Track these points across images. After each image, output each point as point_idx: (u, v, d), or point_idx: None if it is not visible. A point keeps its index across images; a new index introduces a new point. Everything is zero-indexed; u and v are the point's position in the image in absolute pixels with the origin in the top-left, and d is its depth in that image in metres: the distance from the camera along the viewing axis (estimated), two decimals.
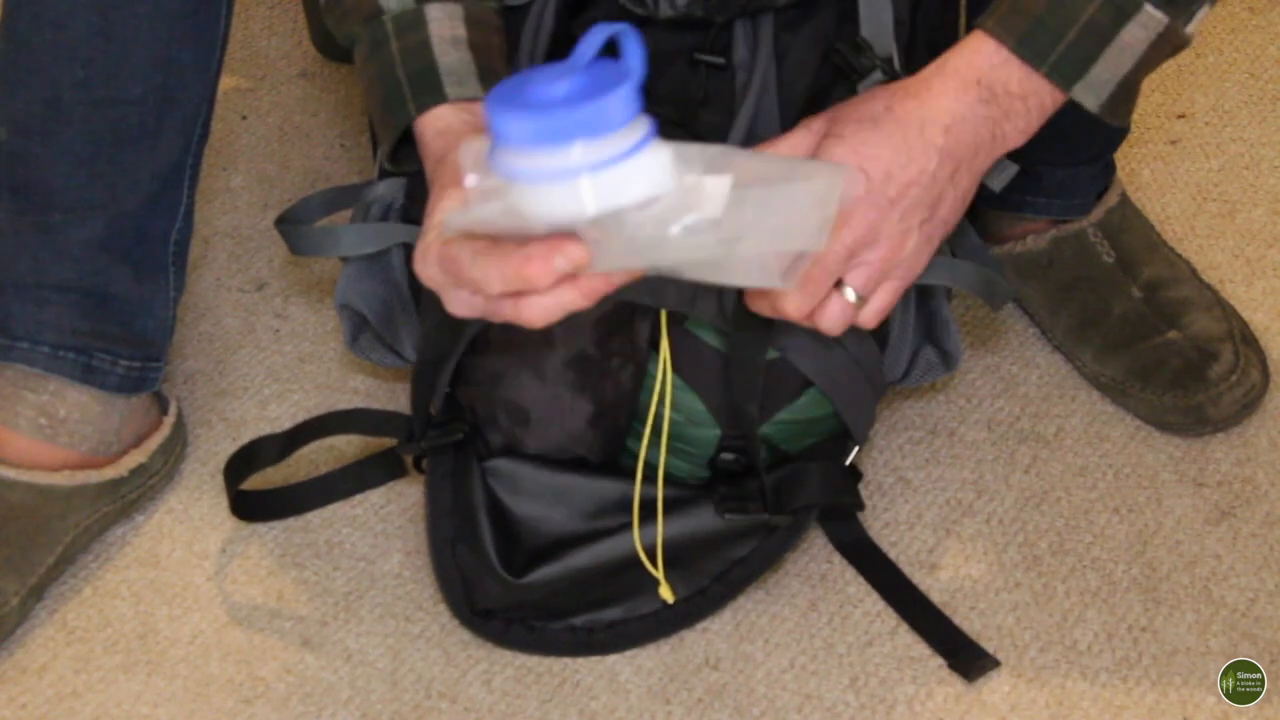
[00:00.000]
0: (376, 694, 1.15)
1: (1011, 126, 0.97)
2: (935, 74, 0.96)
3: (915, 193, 0.96)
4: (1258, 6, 1.65)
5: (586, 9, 1.14)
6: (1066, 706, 1.14)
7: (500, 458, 1.17)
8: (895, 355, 1.17)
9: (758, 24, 1.13)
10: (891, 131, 0.95)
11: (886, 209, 0.95)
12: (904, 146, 0.95)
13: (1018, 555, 1.23)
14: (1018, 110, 0.97)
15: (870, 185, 0.94)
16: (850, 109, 0.97)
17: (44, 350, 1.20)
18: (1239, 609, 1.19)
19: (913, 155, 0.95)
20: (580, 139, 0.76)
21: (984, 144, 0.97)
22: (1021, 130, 0.98)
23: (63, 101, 1.13)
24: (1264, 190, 1.48)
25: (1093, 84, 0.96)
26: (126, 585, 1.22)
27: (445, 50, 1.00)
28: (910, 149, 0.95)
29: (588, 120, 0.76)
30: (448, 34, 1.00)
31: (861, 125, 0.95)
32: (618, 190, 0.77)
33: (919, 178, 0.95)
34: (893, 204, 0.95)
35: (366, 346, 1.21)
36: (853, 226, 0.95)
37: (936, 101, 0.96)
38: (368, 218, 1.16)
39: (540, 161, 0.76)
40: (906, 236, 0.97)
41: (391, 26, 1.01)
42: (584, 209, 0.77)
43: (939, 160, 0.96)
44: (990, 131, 0.97)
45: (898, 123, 0.95)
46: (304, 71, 1.60)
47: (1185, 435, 1.29)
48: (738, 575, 1.17)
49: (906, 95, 0.96)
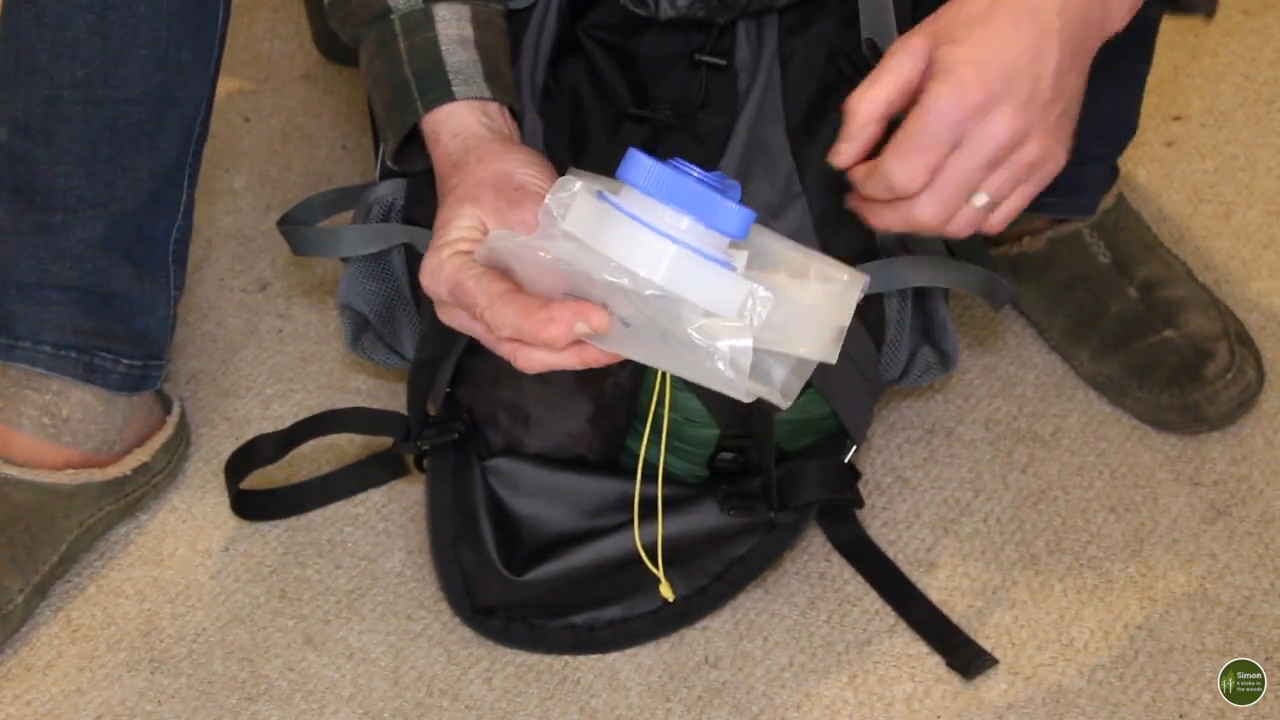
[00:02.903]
0: (378, 692, 1.16)
1: (1118, 2, 0.93)
2: None
3: (1047, 85, 0.91)
4: (1253, 9, 1.66)
5: (589, 12, 1.15)
6: (1063, 704, 1.14)
7: (500, 457, 1.17)
8: (892, 355, 1.17)
9: (762, 26, 1.13)
10: (1006, 25, 0.90)
11: (1030, 107, 0.90)
12: (1027, 37, 0.90)
13: (1015, 554, 1.23)
14: None
15: (1004, 84, 0.89)
16: (950, 14, 0.91)
17: (46, 350, 1.20)
18: (1235, 607, 1.19)
19: (1038, 45, 0.90)
20: (694, 217, 0.81)
21: (1094, 21, 0.92)
22: (1129, 5, 0.93)
23: (62, 101, 1.13)
24: (1260, 191, 1.49)
25: None
26: (130, 583, 1.22)
27: (453, 49, 1.00)
28: (1034, 38, 0.90)
29: (709, 209, 0.82)
30: (455, 34, 1.01)
31: (974, 25, 0.90)
32: (690, 281, 0.82)
33: (1048, 67, 0.90)
34: (1031, 99, 0.90)
35: (368, 347, 1.21)
36: (994, 133, 0.90)
37: None
38: (369, 219, 1.17)
39: (651, 211, 0.82)
40: (1049, 132, 0.92)
41: (399, 25, 1.01)
42: (654, 273, 0.81)
43: (1060, 45, 0.90)
44: (1100, 8, 0.92)
45: (1010, 14, 0.90)
46: (307, 74, 1.61)
47: (1182, 434, 1.29)
48: (737, 574, 1.18)
49: None
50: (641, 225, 0.82)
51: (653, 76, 1.14)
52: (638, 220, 0.82)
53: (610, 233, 0.82)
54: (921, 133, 0.90)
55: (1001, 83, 0.90)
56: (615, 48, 1.14)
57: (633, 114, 1.13)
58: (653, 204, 0.82)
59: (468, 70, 1.00)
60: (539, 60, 1.13)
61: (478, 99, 0.99)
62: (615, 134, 1.13)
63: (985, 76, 0.89)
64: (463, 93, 0.99)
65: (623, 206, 0.83)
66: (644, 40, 1.14)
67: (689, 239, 0.82)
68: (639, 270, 0.81)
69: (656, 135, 1.13)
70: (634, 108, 1.13)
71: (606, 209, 0.83)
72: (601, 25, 1.14)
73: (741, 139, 1.12)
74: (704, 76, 1.13)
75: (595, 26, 1.14)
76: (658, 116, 1.12)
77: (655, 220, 0.82)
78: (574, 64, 1.14)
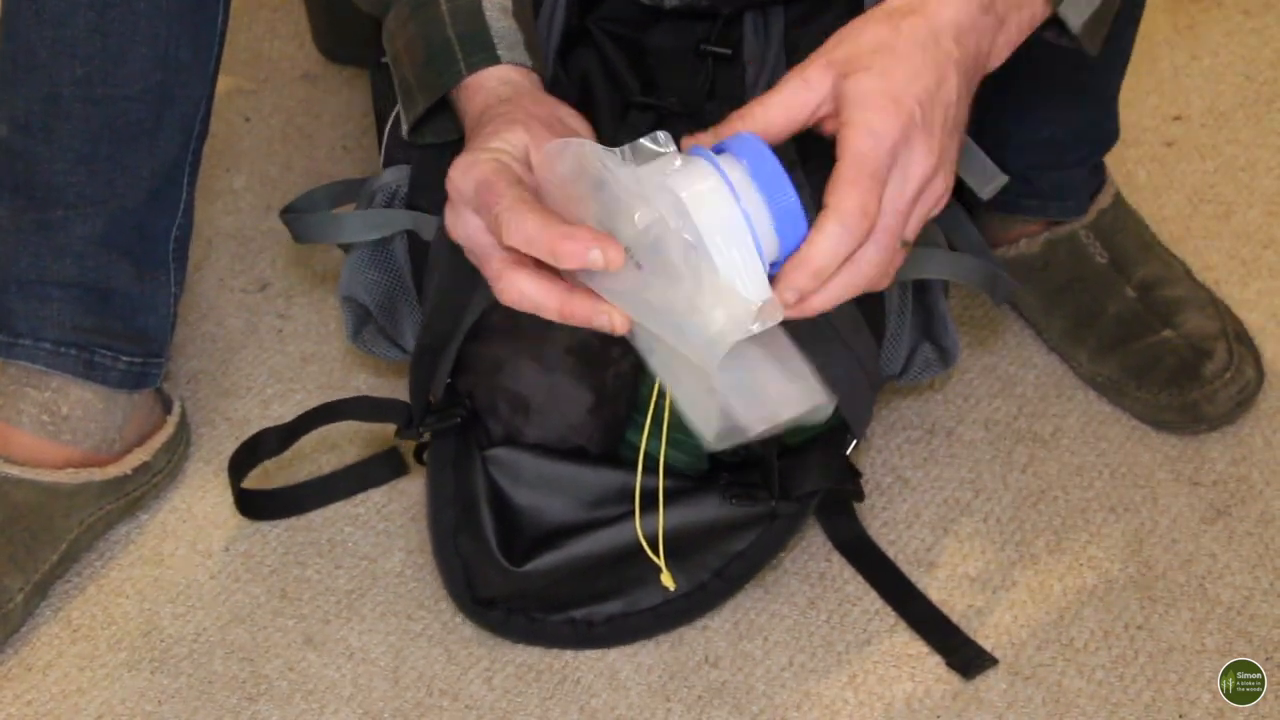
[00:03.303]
0: (378, 691, 1.16)
1: (1003, 39, 0.93)
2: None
3: (951, 113, 0.90)
4: (1253, 9, 1.66)
5: (600, 4, 1.15)
6: (1063, 704, 1.14)
7: (501, 447, 1.17)
8: (892, 349, 1.17)
9: (768, 18, 1.14)
10: (912, 53, 0.88)
11: (939, 136, 0.89)
12: (930, 65, 0.89)
13: (1015, 554, 1.23)
14: (1011, 21, 0.92)
15: (918, 113, 0.87)
16: (849, 43, 0.90)
17: (46, 347, 1.20)
18: (1234, 607, 1.19)
19: (940, 73, 0.89)
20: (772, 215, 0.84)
21: (982, 56, 0.92)
22: (1007, 45, 0.93)
23: (62, 99, 1.13)
24: (1259, 192, 1.49)
25: (1079, 1, 0.94)
26: (130, 583, 1.22)
27: (496, 16, 1.00)
28: (936, 66, 0.89)
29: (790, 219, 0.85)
30: (496, 1, 1.00)
31: (879, 54, 0.88)
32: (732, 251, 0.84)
33: (950, 97, 0.89)
34: (941, 129, 0.89)
35: (369, 340, 1.21)
36: (917, 164, 0.88)
37: (941, 11, 0.90)
38: (372, 205, 1.17)
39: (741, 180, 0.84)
40: (953, 163, 0.91)
41: None
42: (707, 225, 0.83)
43: (959, 74, 0.90)
44: (989, 41, 0.92)
45: (913, 42, 0.89)
46: (307, 74, 1.61)
47: (1181, 434, 1.30)
48: (737, 569, 1.18)
49: (907, 13, 0.90)
50: (725, 183, 0.83)
51: (661, 68, 1.15)
52: (724, 177, 0.84)
53: (689, 174, 0.84)
54: (862, 156, 0.86)
55: (919, 111, 0.88)
56: (625, 39, 1.15)
57: (639, 102, 1.13)
58: (745, 181, 0.84)
59: (511, 37, 0.99)
60: (548, 51, 1.14)
61: (520, 65, 0.99)
62: (623, 123, 1.13)
63: (903, 105, 0.87)
64: (508, 58, 0.98)
65: (717, 162, 0.84)
66: (653, 32, 1.15)
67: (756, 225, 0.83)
68: (696, 214, 0.82)
69: (662, 124, 1.13)
70: (641, 97, 1.13)
71: (699, 161, 0.85)
72: (611, 17, 1.15)
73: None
74: (711, 67, 1.13)
75: (605, 19, 1.15)
76: (664, 105, 1.13)
77: (741, 186, 0.84)
78: (584, 54, 1.15)
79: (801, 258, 0.86)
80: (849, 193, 0.86)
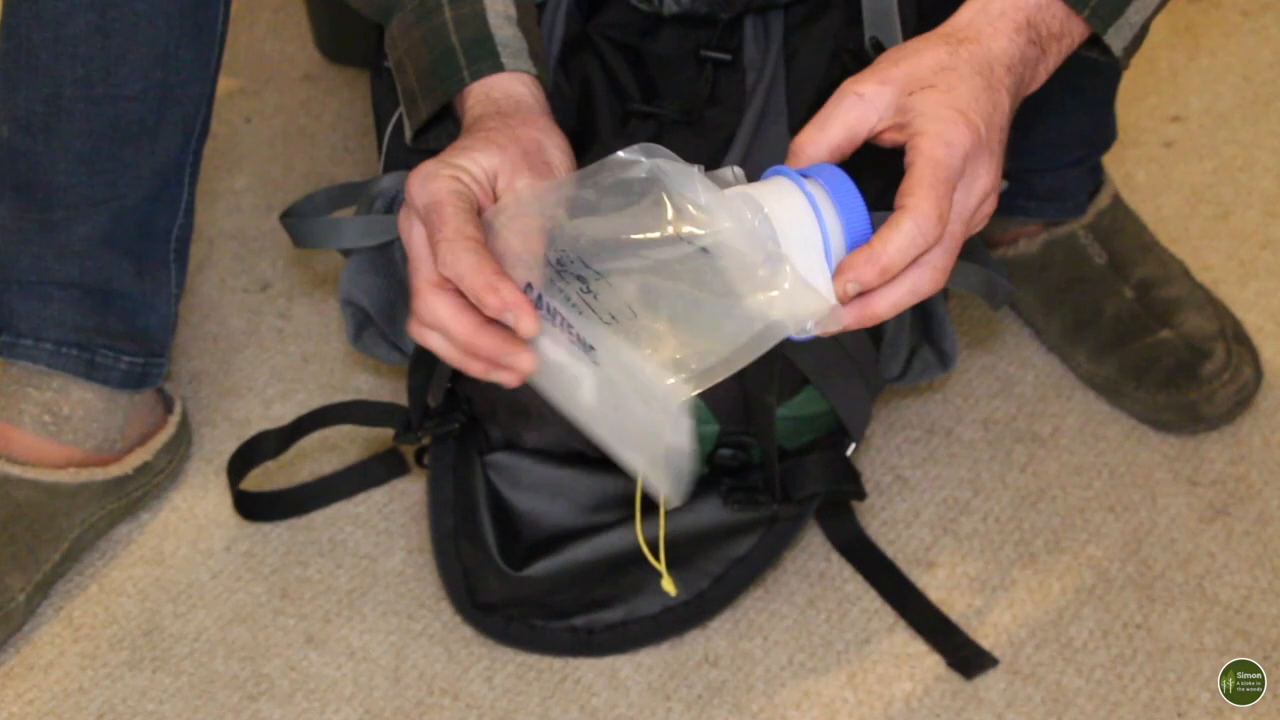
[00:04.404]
0: (379, 690, 1.16)
1: (1044, 68, 0.94)
2: (979, 15, 0.92)
3: (1001, 138, 0.91)
4: (1251, 10, 1.66)
5: (601, 11, 1.15)
6: (1062, 703, 1.15)
7: (500, 452, 1.17)
8: (891, 353, 1.17)
9: (768, 23, 1.14)
10: (972, 76, 0.90)
11: (998, 156, 0.90)
12: (987, 90, 0.90)
13: (1014, 553, 1.23)
14: (1052, 51, 0.94)
15: (982, 130, 0.89)
16: (908, 63, 0.91)
17: (47, 347, 1.20)
18: (1233, 606, 1.20)
19: (995, 99, 0.90)
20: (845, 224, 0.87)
21: (1025, 85, 0.94)
22: (1045, 73, 0.95)
23: (63, 99, 1.13)
24: (1258, 192, 1.49)
25: (1123, 27, 0.95)
26: (132, 582, 1.22)
27: (500, 24, 0.99)
28: (992, 91, 0.90)
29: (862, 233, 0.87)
30: (500, 9, 1.00)
31: (943, 73, 0.90)
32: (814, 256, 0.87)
33: (1004, 121, 0.91)
34: (994, 151, 0.90)
35: (370, 342, 1.22)
36: (981, 178, 0.89)
37: (994, 43, 0.91)
38: (371, 211, 1.17)
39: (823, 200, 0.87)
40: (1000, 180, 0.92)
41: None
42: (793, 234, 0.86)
43: (1009, 104, 0.91)
44: (1032, 72, 0.94)
45: (972, 68, 0.90)
46: (308, 74, 1.61)
47: (1179, 433, 1.30)
48: (737, 575, 1.18)
49: (964, 39, 0.91)
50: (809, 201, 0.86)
51: (661, 74, 1.15)
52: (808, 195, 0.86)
53: (775, 188, 0.86)
54: (940, 164, 0.87)
55: (983, 128, 0.89)
56: (625, 46, 1.15)
57: (639, 110, 1.13)
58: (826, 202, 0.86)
59: (515, 45, 0.99)
60: (549, 59, 1.14)
61: (524, 73, 0.99)
62: (623, 130, 1.13)
63: (973, 123, 0.89)
64: (511, 65, 0.98)
65: (802, 182, 0.86)
66: (653, 38, 1.15)
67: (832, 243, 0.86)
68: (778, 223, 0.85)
69: (662, 132, 1.13)
70: (641, 105, 1.13)
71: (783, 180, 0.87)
72: (612, 24, 1.15)
73: (746, 136, 1.12)
74: (710, 73, 1.13)
75: (606, 25, 1.15)
76: (664, 113, 1.13)
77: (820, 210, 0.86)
78: (585, 61, 1.15)
79: (872, 252, 0.86)
80: (926, 195, 0.86)
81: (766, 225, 0.84)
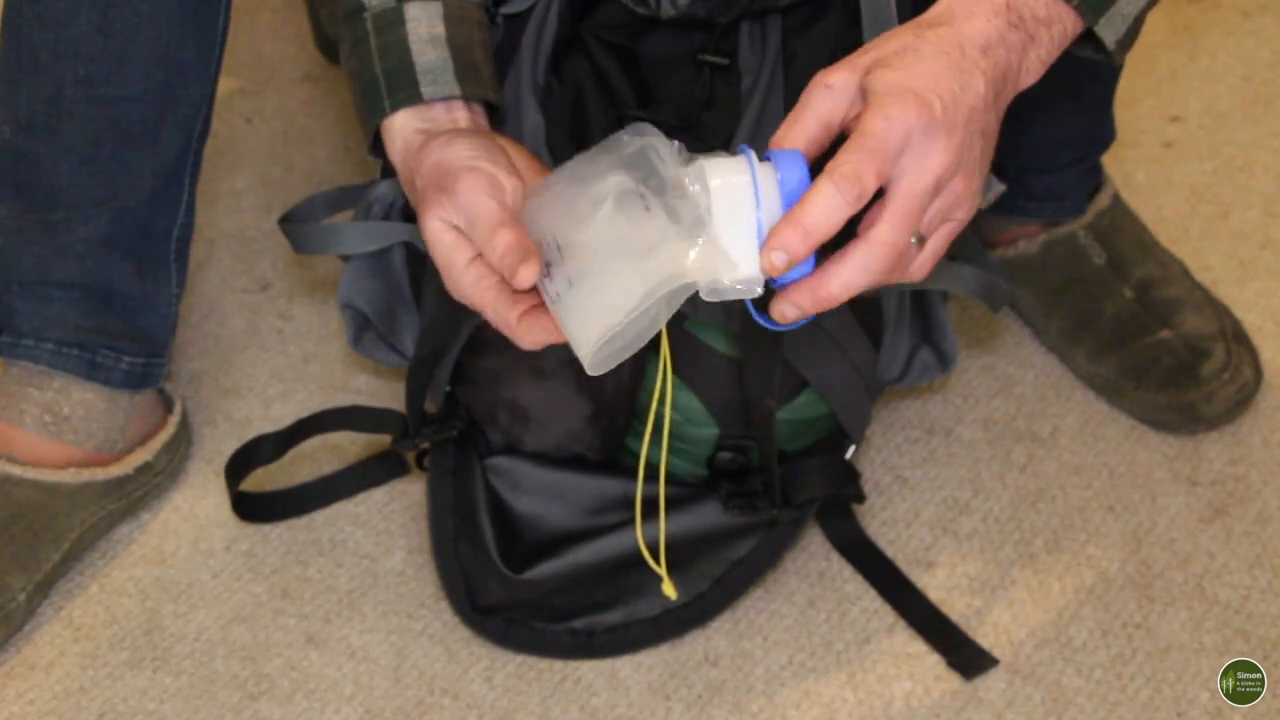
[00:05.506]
0: (379, 690, 1.16)
1: (1035, 55, 0.93)
2: (957, 1, 0.92)
3: (977, 119, 0.90)
4: (1251, 10, 1.66)
5: (593, 12, 1.15)
6: (1062, 703, 1.15)
7: (500, 455, 1.17)
8: (890, 356, 1.17)
9: (765, 26, 1.14)
10: (936, 56, 0.89)
11: (960, 134, 0.89)
12: (953, 68, 0.89)
13: (1014, 553, 1.23)
14: (1042, 38, 0.93)
15: (938, 107, 0.88)
16: (873, 51, 0.91)
17: (48, 347, 1.20)
18: (1232, 606, 1.20)
19: (964, 78, 0.89)
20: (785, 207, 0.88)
21: (1012, 71, 0.93)
22: (1042, 61, 0.94)
23: (64, 99, 1.13)
24: (1257, 192, 1.49)
25: (1115, 18, 0.95)
26: (132, 582, 1.22)
27: (423, 49, 1.01)
28: (960, 70, 0.89)
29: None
30: (425, 33, 1.01)
31: (903, 54, 0.89)
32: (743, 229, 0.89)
33: (976, 102, 0.90)
34: (964, 128, 0.89)
35: (369, 345, 1.22)
36: (935, 155, 0.88)
37: (967, 25, 0.91)
38: (369, 217, 1.17)
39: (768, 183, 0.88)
40: (975, 168, 0.91)
41: (371, 24, 1.02)
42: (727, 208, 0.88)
43: (985, 87, 0.90)
44: (1019, 58, 0.93)
45: (938, 48, 0.90)
46: (308, 75, 1.61)
47: (1179, 433, 1.30)
48: (736, 577, 1.18)
49: (934, 24, 0.91)
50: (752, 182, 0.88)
51: (656, 77, 1.15)
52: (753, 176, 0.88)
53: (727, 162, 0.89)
54: (871, 134, 0.87)
55: (940, 106, 0.88)
56: (619, 48, 1.15)
57: (634, 115, 1.13)
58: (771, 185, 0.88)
59: (437, 69, 1.00)
60: (539, 59, 1.13)
61: (446, 99, 1.00)
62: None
63: (925, 99, 0.88)
64: (431, 93, 0.99)
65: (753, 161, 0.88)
66: (648, 40, 1.15)
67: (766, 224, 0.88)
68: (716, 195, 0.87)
69: None
70: (636, 109, 1.13)
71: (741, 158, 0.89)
72: (605, 25, 1.15)
73: (744, 140, 1.12)
74: (708, 77, 1.13)
75: (599, 27, 1.15)
76: (659, 117, 1.13)
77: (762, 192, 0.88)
78: (577, 63, 1.15)
79: (791, 216, 0.87)
80: (845, 159, 0.87)
81: (705, 195, 0.87)
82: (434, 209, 0.94)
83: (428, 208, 0.94)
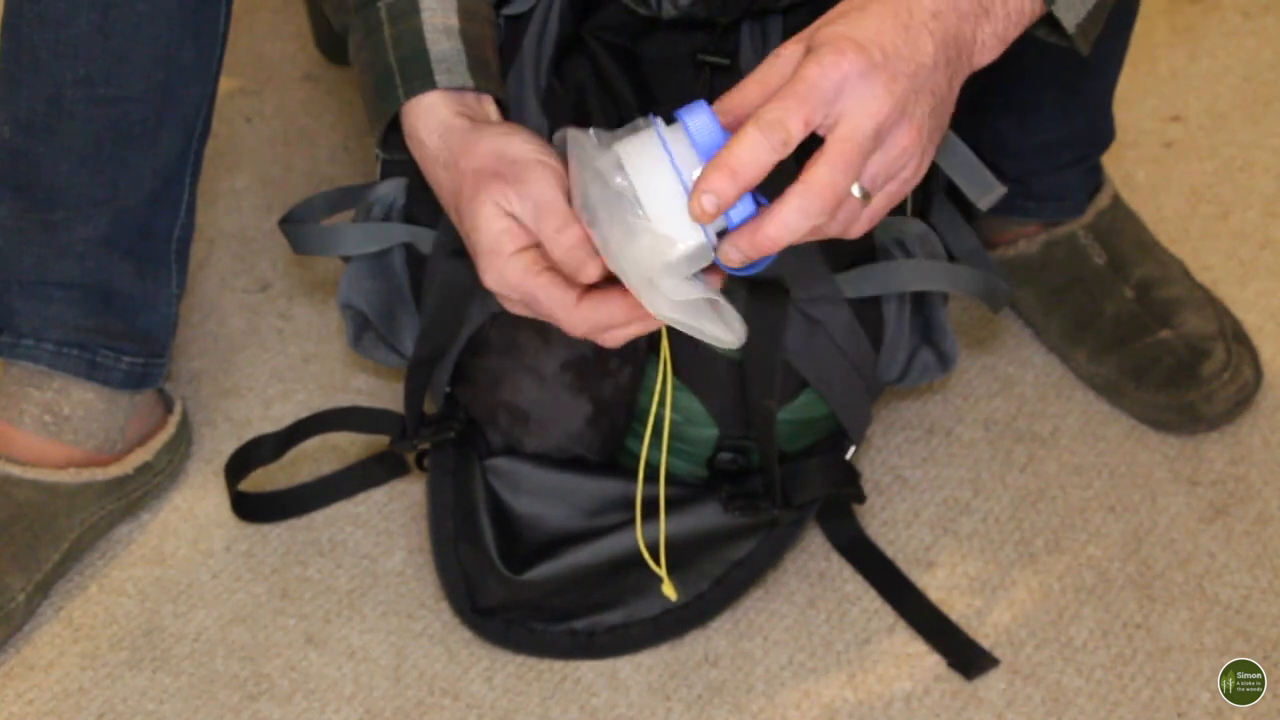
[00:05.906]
0: (379, 690, 1.16)
1: (990, 30, 0.92)
2: None
3: (922, 75, 0.88)
4: (1251, 11, 1.66)
5: (594, 13, 1.15)
6: (1062, 703, 1.15)
7: (500, 456, 1.17)
8: (891, 356, 1.17)
9: (766, 27, 1.14)
10: (883, 14, 0.88)
11: (903, 85, 0.87)
12: (899, 25, 0.88)
13: (1014, 553, 1.23)
14: (997, 12, 0.92)
15: (878, 56, 0.87)
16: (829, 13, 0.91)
17: (48, 347, 1.20)
18: (1233, 606, 1.20)
19: (910, 35, 0.88)
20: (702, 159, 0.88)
21: (965, 44, 0.91)
22: (998, 37, 0.93)
23: (64, 99, 1.13)
24: (1257, 192, 1.49)
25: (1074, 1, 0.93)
26: (132, 582, 1.22)
27: (437, 38, 1.01)
28: (906, 29, 0.88)
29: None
30: (440, 23, 1.01)
31: (848, 13, 0.89)
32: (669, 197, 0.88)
33: (924, 59, 0.88)
34: (909, 80, 0.88)
35: (369, 346, 1.22)
36: (874, 101, 0.87)
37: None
38: (369, 218, 1.17)
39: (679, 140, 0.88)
40: (922, 124, 0.89)
41: (385, 13, 1.02)
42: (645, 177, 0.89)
43: (934, 47, 0.89)
44: (971, 28, 0.91)
45: (884, 6, 0.89)
46: (308, 75, 1.61)
47: (1179, 433, 1.30)
48: (736, 578, 1.18)
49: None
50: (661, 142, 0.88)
51: (657, 78, 1.15)
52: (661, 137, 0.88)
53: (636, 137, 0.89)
54: (802, 80, 0.86)
55: (880, 54, 0.87)
56: (620, 49, 1.15)
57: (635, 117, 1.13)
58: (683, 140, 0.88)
59: (452, 59, 1.00)
60: (541, 60, 1.13)
61: (460, 89, 1.00)
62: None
63: (863, 46, 0.87)
64: (445, 81, 0.99)
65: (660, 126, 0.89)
66: (649, 41, 1.15)
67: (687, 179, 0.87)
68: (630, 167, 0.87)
69: None
70: (637, 112, 1.13)
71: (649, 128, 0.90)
72: (606, 26, 1.15)
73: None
74: (708, 77, 1.13)
75: (600, 28, 1.15)
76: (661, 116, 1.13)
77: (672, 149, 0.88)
78: (578, 64, 1.15)
79: (716, 159, 0.86)
80: (771, 106, 0.86)
81: (626, 180, 0.87)
82: (490, 193, 0.93)
83: (483, 191, 0.94)
